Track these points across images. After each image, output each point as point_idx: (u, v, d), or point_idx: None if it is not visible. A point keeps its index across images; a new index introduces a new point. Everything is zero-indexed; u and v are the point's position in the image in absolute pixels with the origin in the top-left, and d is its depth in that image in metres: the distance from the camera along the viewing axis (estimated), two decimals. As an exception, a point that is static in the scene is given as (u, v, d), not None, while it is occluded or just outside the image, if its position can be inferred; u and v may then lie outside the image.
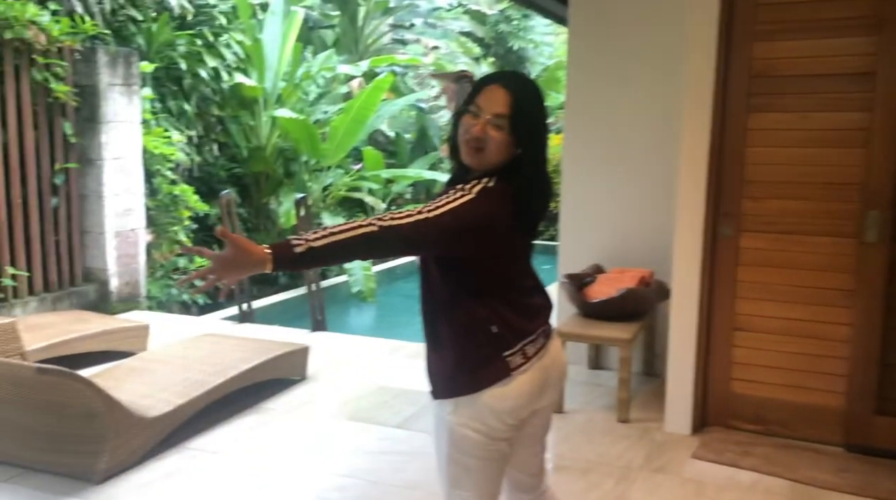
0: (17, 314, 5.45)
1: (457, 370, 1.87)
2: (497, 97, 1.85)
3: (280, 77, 9.13)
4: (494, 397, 1.85)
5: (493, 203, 1.81)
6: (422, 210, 1.75)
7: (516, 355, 1.88)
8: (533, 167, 1.89)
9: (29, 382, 3.13)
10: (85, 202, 6.08)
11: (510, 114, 1.83)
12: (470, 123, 1.87)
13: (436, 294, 1.91)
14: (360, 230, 1.68)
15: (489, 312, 1.87)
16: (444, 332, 1.91)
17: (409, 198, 11.98)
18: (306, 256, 1.63)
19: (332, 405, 4.20)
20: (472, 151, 1.87)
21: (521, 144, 1.86)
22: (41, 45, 5.50)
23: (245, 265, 1.61)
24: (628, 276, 4.50)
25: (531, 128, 1.88)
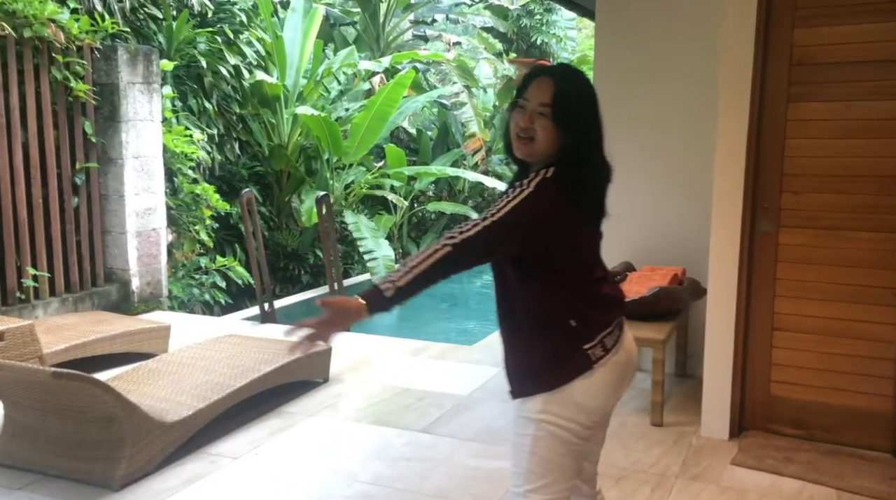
0: (39, 315, 5.41)
1: (539, 367, 1.90)
2: (542, 87, 1.88)
3: (301, 74, 9.06)
4: (582, 391, 1.88)
5: (553, 194, 1.83)
6: (486, 216, 1.79)
7: (596, 347, 1.90)
8: (583, 154, 1.88)
9: (45, 386, 3.05)
10: (106, 202, 6.03)
11: (552, 101, 1.86)
12: (519, 117, 1.90)
13: (512, 293, 1.93)
14: (436, 256, 1.74)
15: (565, 306, 1.89)
16: (522, 330, 1.93)
17: (432, 195, 11.87)
18: (396, 297, 1.72)
19: (356, 409, 4.09)
20: (522, 143, 1.90)
21: (568, 132, 1.87)
22: (60, 44, 5.45)
23: (345, 323, 1.73)
24: (660, 274, 4.34)
25: (576, 114, 1.88)
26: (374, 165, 10.26)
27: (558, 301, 1.89)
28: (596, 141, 1.93)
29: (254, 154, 8.80)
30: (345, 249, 9.44)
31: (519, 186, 1.84)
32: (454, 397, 4.23)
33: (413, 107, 10.31)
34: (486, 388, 4.38)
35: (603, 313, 1.95)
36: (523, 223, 1.80)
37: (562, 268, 1.89)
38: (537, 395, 1.90)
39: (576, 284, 1.92)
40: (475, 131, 11.90)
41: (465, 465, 3.39)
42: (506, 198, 1.83)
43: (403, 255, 10.95)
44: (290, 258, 8.80)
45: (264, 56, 8.67)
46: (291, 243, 8.84)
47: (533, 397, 1.91)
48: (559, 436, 1.89)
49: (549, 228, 1.83)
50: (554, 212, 1.83)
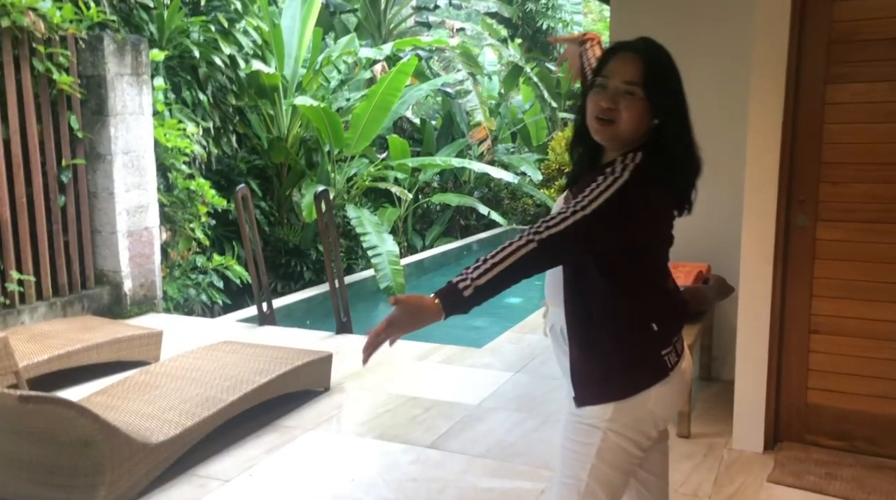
0: (25, 321, 5.14)
1: (614, 373, 1.74)
2: (627, 63, 1.71)
3: (300, 64, 8.74)
4: (656, 399, 1.74)
5: (650, 182, 1.67)
6: (575, 209, 1.61)
7: (671, 352, 1.77)
8: (677, 138, 1.71)
9: (14, 410, 2.78)
10: (94, 200, 5.74)
11: (644, 79, 1.68)
12: (598, 97, 1.71)
13: (589, 293, 1.74)
14: (520, 252, 1.57)
15: (649, 307, 1.75)
16: (598, 332, 1.75)
17: (437, 187, 11.56)
18: (475, 297, 1.55)
19: (358, 422, 3.81)
20: (603, 126, 1.71)
21: (660, 112, 1.70)
22: (41, 34, 5.15)
23: (418, 323, 1.55)
24: (683, 271, 4.04)
25: (670, 93, 1.71)
26: (377, 157, 9.95)
27: (641, 303, 1.74)
28: (687, 123, 1.74)
29: (252, 147, 8.50)
30: (348, 243, 9.14)
31: (611, 174, 1.66)
32: (463, 406, 3.94)
33: (416, 95, 9.98)
34: (497, 396, 4.09)
35: (676, 316, 1.82)
36: (619, 217, 1.62)
37: (647, 266, 1.75)
38: (608, 403, 1.74)
39: (657, 283, 1.79)
40: (480, 120, 11.57)
41: (477, 486, 3.11)
42: (595, 188, 1.64)
43: (409, 248, 10.66)
44: (292, 254, 8.51)
45: (261, 45, 8.35)
46: (293, 239, 8.55)
47: (603, 405, 1.75)
48: (625, 447, 1.75)
49: (645, 222, 1.68)
50: (650, 203, 1.68)
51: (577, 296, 1.77)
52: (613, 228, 1.63)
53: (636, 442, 1.76)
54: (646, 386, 1.73)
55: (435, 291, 1.57)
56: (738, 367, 3.44)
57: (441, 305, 1.54)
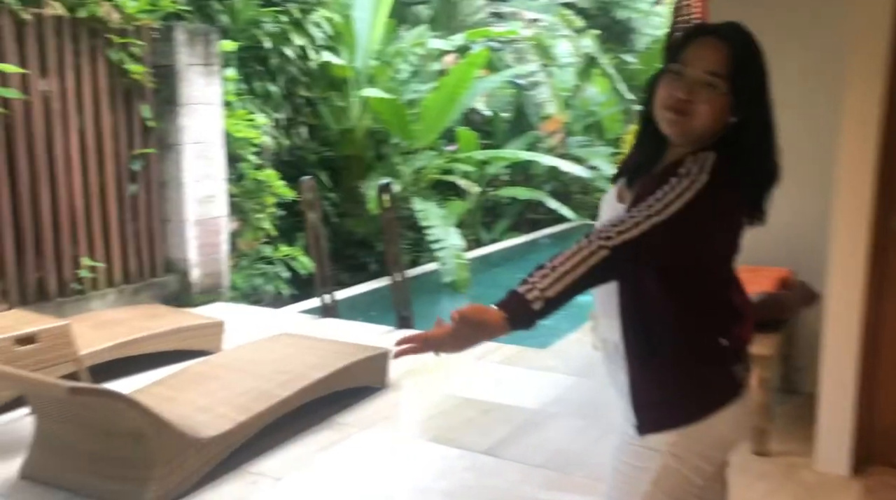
0: (95, 307, 5.23)
1: (681, 394, 1.58)
2: (710, 50, 1.51)
3: (371, 55, 8.70)
4: (727, 422, 1.58)
5: (731, 184, 1.50)
6: (649, 213, 1.44)
7: (742, 368, 1.61)
8: (758, 141, 1.52)
9: (68, 400, 2.77)
10: (164, 189, 5.81)
11: (729, 71, 1.49)
12: (673, 85, 1.52)
13: (648, 304, 1.57)
14: (591, 260, 1.40)
15: (716, 322, 1.58)
16: (659, 349, 1.58)
17: (506, 180, 11.37)
18: (545, 310, 1.39)
19: (413, 422, 3.71)
20: (674, 117, 1.52)
21: (742, 110, 1.51)
22: (116, 24, 5.22)
23: (479, 339, 1.44)
24: (763, 276, 3.77)
25: (756, 90, 1.52)
26: (445, 149, 9.83)
27: (709, 316, 1.57)
28: (771, 126, 1.55)
29: (323, 139, 8.51)
30: (414, 236, 9.07)
31: (687, 175, 1.47)
32: (523, 411, 3.78)
33: (486, 87, 9.82)
34: (560, 401, 3.91)
35: (744, 327, 1.64)
36: (696, 224, 1.45)
37: (714, 276, 1.59)
38: (675, 428, 1.57)
39: (725, 294, 1.61)
40: (552, 112, 11.30)
41: (535, 499, 2.95)
42: (670, 189, 1.46)
43: (475, 241, 10.52)
44: (359, 246, 8.50)
45: (333, 37, 8.33)
46: (360, 231, 8.53)
47: (669, 431, 1.58)
48: (686, 475, 1.58)
49: (721, 231, 1.53)
50: (727, 210, 1.52)
51: (634, 308, 1.59)
52: (689, 237, 1.47)
53: (700, 469, 1.58)
54: (717, 407, 1.57)
55: (498, 301, 1.41)
56: (822, 380, 3.17)
57: (507, 319, 1.39)
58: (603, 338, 1.71)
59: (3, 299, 4.75)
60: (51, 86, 4.93)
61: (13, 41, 4.70)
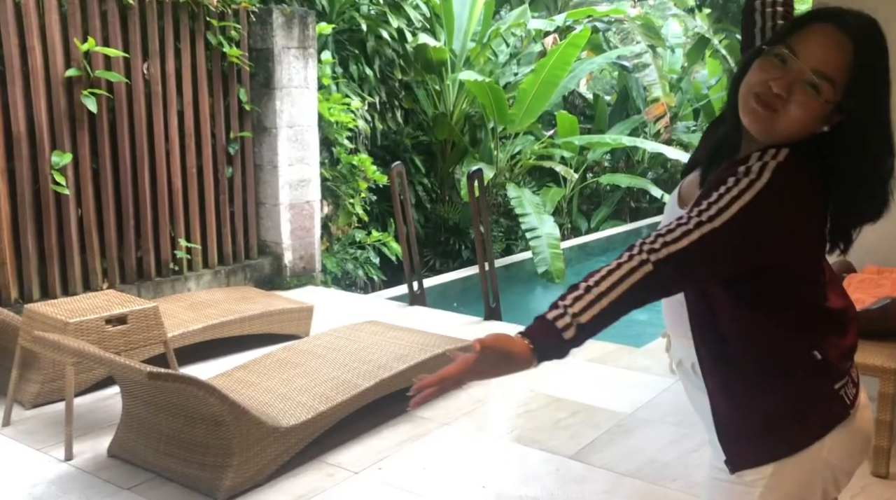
0: (191, 288, 5.35)
1: (775, 421, 1.35)
2: (828, 45, 1.24)
3: (469, 37, 8.54)
4: (836, 449, 1.34)
5: (794, 191, 1.26)
6: (700, 219, 1.23)
7: (848, 384, 1.37)
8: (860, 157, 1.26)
9: (148, 384, 2.78)
10: (259, 173, 5.87)
11: (844, 78, 1.23)
12: (770, 71, 1.26)
13: (724, 320, 1.35)
14: (632, 277, 1.21)
15: (804, 333, 1.34)
16: (742, 372, 1.36)
17: (608, 166, 11.00)
18: (578, 338, 1.21)
19: (497, 420, 3.56)
20: (760, 110, 1.27)
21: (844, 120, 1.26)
22: (215, 7, 5.28)
23: (502, 372, 1.24)
24: (890, 279, 3.42)
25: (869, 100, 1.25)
26: (544, 134, 9.58)
27: (796, 327, 1.33)
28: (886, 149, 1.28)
29: (418, 123, 8.43)
30: (508, 223, 8.89)
31: (745, 175, 1.25)
32: (614, 414, 3.56)
33: (588, 69, 9.48)
34: (653, 406, 3.67)
35: (845, 335, 1.37)
36: (757, 232, 1.24)
37: (803, 280, 1.34)
38: (771, 463, 1.34)
39: (815, 301, 1.35)
40: (659, 95, 10.81)
41: (622, 512, 2.75)
42: (725, 191, 1.25)
43: (572, 231, 10.23)
44: (452, 232, 8.40)
45: (430, 18, 8.22)
46: (453, 217, 8.43)
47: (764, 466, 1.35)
48: None
49: (789, 239, 1.27)
50: (800, 214, 1.27)
51: (706, 324, 1.37)
52: (748, 246, 1.25)
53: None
54: (821, 434, 1.34)
55: (525, 329, 1.23)
56: (958, 402, 2.81)
57: (534, 350, 1.21)
58: (678, 359, 1.50)
59: (104, 278, 4.91)
60: (152, 69, 5.03)
61: (118, 25, 4.81)
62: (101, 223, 4.90)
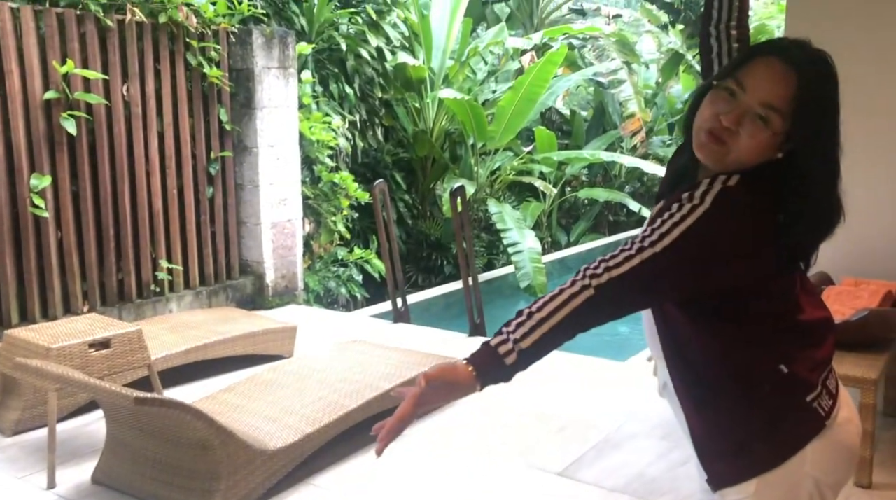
0: (172, 309, 5.31)
1: (748, 439, 1.37)
2: (774, 78, 1.29)
3: (448, 55, 8.59)
4: (816, 461, 1.35)
5: (737, 214, 1.29)
6: (643, 244, 1.28)
7: (822, 395, 1.37)
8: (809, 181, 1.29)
9: (134, 409, 2.75)
10: (241, 192, 5.85)
11: (791, 108, 1.27)
12: (720, 105, 1.31)
13: (686, 342, 1.40)
14: (574, 302, 1.26)
15: (771, 348, 1.36)
16: (711, 391, 1.39)
17: (585, 180, 11.09)
18: (519, 363, 1.27)
19: (483, 438, 3.56)
20: (710, 142, 1.32)
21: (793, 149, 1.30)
22: (195, 28, 5.27)
23: (449, 399, 1.35)
24: (868, 290, 3.48)
25: (817, 131, 1.29)
26: (523, 150, 9.65)
27: (756, 343, 1.35)
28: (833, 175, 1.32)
29: (399, 140, 8.46)
30: (489, 238, 8.93)
31: (688, 200, 1.30)
32: (600, 430, 3.58)
33: (565, 86, 9.58)
34: (639, 419, 3.70)
35: (818, 347, 1.39)
36: (698, 256, 1.27)
37: (757, 300, 1.35)
38: (750, 479, 1.36)
39: (780, 314, 1.37)
40: (635, 111, 10.95)
41: (612, 528, 2.77)
42: (669, 216, 1.30)
43: (552, 245, 10.29)
44: (434, 248, 8.42)
45: (409, 37, 8.27)
46: (434, 232, 8.45)
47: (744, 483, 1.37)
48: None
49: (738, 262, 1.29)
50: (744, 237, 1.29)
51: (674, 346, 1.41)
52: (689, 273, 1.29)
53: None
54: (797, 446, 1.35)
55: (470, 356, 1.29)
56: (937, 411, 2.87)
57: (477, 376, 1.27)
58: (663, 382, 1.52)
59: (84, 301, 4.86)
60: (132, 90, 5.01)
61: (97, 47, 4.80)
62: (81, 245, 4.85)
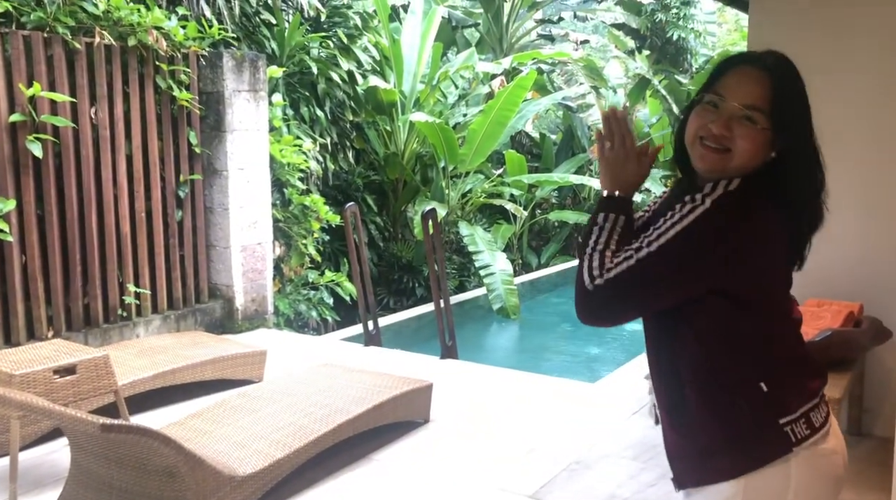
0: (140, 333, 5.23)
1: (712, 447, 1.40)
2: (750, 82, 1.37)
3: (418, 79, 8.67)
4: (776, 486, 1.36)
5: (737, 215, 1.33)
6: (640, 245, 1.33)
7: (798, 422, 1.37)
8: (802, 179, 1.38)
9: (100, 435, 2.71)
10: (210, 215, 5.82)
11: (771, 105, 1.34)
12: (706, 116, 1.38)
13: (672, 349, 1.43)
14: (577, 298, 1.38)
15: (752, 364, 1.39)
16: (689, 398, 1.41)
17: (555, 203, 11.20)
18: None
19: (456, 460, 3.55)
20: (710, 154, 1.37)
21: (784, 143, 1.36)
22: (164, 52, 5.26)
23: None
24: (831, 311, 3.55)
25: (800, 124, 1.37)
26: (493, 173, 9.73)
27: (742, 358, 1.38)
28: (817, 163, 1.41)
29: (370, 163, 8.49)
30: (461, 260, 8.96)
31: (690, 202, 1.34)
32: (571, 451, 3.59)
33: (535, 110, 9.69)
34: (610, 440, 3.72)
35: (805, 375, 1.43)
36: (695, 255, 1.31)
37: (746, 313, 1.38)
38: (710, 485, 1.39)
39: (767, 332, 1.41)
40: (603, 135, 11.11)
41: (583, 550, 2.77)
42: (668, 218, 1.35)
43: (523, 266, 10.35)
44: (405, 270, 8.42)
45: (380, 61, 8.33)
46: (406, 255, 8.46)
47: (705, 488, 1.40)
48: None
49: (729, 264, 1.33)
50: (735, 242, 1.33)
51: (660, 355, 1.46)
52: (686, 273, 1.33)
53: None
54: (757, 465, 1.36)
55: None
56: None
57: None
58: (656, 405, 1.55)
59: (49, 326, 4.77)
60: (100, 113, 4.97)
61: (64, 70, 4.76)
62: (46, 270, 4.78)
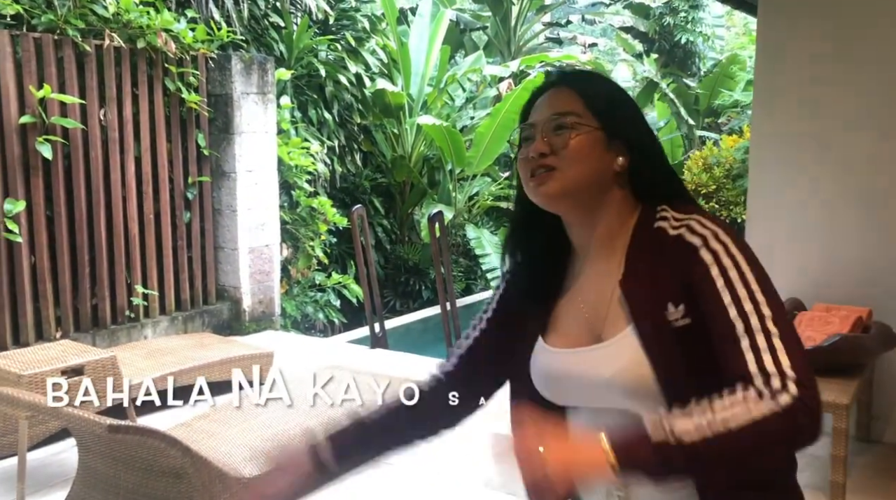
0: (147, 335, 5.25)
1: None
2: (547, 99, 1.22)
3: (426, 82, 8.69)
4: None
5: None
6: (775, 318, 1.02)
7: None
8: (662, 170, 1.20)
9: (107, 436, 2.72)
10: (218, 217, 5.84)
11: (584, 101, 1.18)
12: (525, 151, 1.19)
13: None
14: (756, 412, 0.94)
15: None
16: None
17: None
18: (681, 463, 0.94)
19: (463, 464, 3.54)
20: (539, 179, 1.16)
21: (621, 136, 1.17)
22: (173, 54, 5.29)
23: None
24: (839, 316, 3.53)
25: (622, 109, 1.21)
26: (500, 176, 9.73)
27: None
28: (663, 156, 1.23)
29: (377, 165, 8.51)
30: (467, 263, 8.96)
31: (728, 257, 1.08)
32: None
33: (543, 113, 9.69)
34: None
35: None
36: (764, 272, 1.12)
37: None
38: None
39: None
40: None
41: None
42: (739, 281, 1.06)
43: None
44: (412, 273, 8.43)
45: (388, 64, 8.35)
46: (413, 257, 8.47)
47: None
48: None
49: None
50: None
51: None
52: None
53: None
54: None
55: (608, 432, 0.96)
56: (907, 435, 2.92)
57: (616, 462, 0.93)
58: None
59: (58, 327, 4.79)
60: (109, 115, 5.00)
61: (74, 72, 4.79)
62: (55, 271, 4.80)
